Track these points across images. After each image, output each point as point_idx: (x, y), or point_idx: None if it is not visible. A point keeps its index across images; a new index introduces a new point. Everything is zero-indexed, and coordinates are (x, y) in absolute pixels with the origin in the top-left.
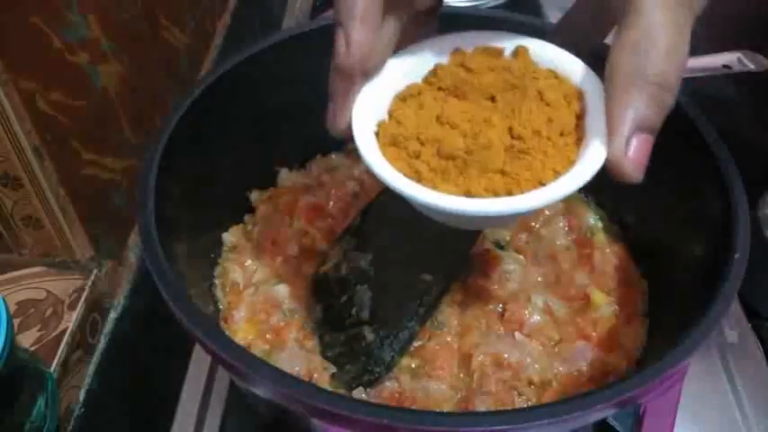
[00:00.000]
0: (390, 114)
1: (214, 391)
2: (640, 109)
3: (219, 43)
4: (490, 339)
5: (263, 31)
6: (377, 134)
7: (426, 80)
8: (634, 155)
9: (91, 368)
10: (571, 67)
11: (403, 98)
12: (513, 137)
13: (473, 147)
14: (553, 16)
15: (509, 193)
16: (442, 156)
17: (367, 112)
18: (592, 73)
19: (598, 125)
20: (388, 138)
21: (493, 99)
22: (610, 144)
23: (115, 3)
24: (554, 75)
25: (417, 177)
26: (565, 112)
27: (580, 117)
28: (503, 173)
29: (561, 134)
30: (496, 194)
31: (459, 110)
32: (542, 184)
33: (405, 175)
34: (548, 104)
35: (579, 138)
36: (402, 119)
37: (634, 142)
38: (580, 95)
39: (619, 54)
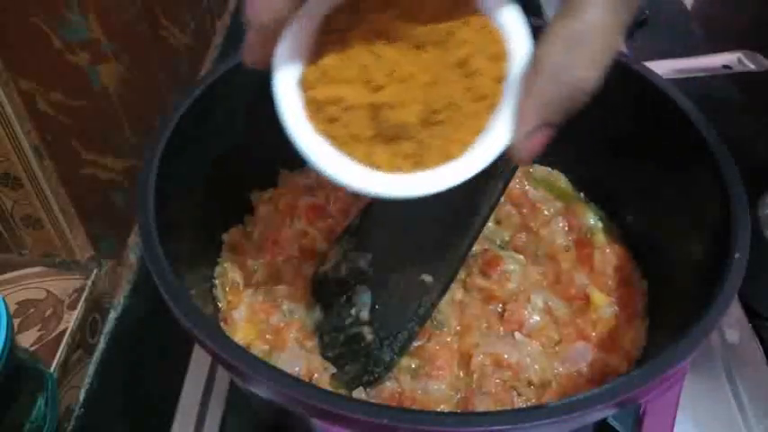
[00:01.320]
0: (315, 58)
1: (214, 391)
2: (552, 106)
3: (219, 43)
4: (490, 339)
5: None
6: (301, 83)
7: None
8: (531, 145)
9: (91, 368)
10: (511, 22)
11: (328, 31)
12: (430, 110)
13: (390, 118)
14: (553, 16)
15: (416, 166)
16: (357, 124)
17: (289, 54)
18: (527, 36)
19: (511, 100)
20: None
21: (420, 47)
22: (515, 131)
23: (115, 3)
24: (487, 28)
25: (332, 138)
26: (486, 79)
27: (500, 80)
28: (413, 141)
29: (476, 100)
30: (402, 169)
31: (385, 65)
32: (450, 158)
33: (321, 132)
34: (469, 74)
35: (494, 103)
36: (327, 69)
37: (536, 135)
38: (507, 57)
39: (548, 46)
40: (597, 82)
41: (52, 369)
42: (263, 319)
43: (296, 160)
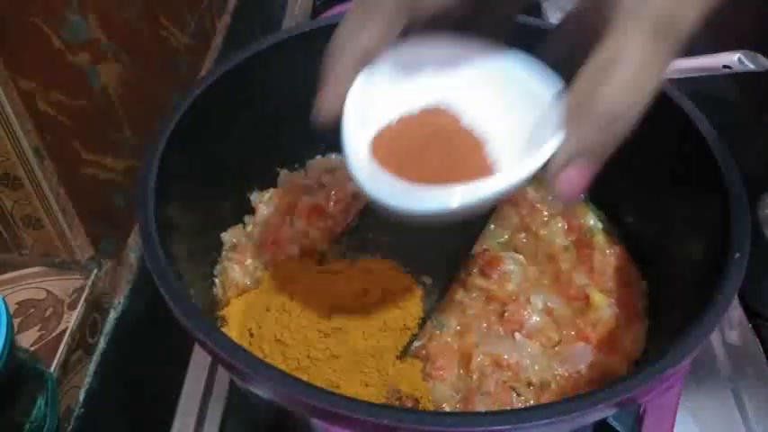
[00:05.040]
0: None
1: (214, 391)
2: (585, 138)
3: (219, 43)
4: (490, 340)
5: (263, 31)
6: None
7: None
8: (566, 179)
9: (91, 368)
10: (537, 78)
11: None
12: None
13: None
14: (553, 16)
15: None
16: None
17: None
18: (556, 77)
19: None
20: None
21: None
22: (550, 164)
23: (115, 3)
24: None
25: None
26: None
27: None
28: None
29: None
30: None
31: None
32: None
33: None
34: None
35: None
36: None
37: (570, 169)
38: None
39: (581, 76)
40: (633, 112)
41: (52, 369)
42: None
43: (296, 160)
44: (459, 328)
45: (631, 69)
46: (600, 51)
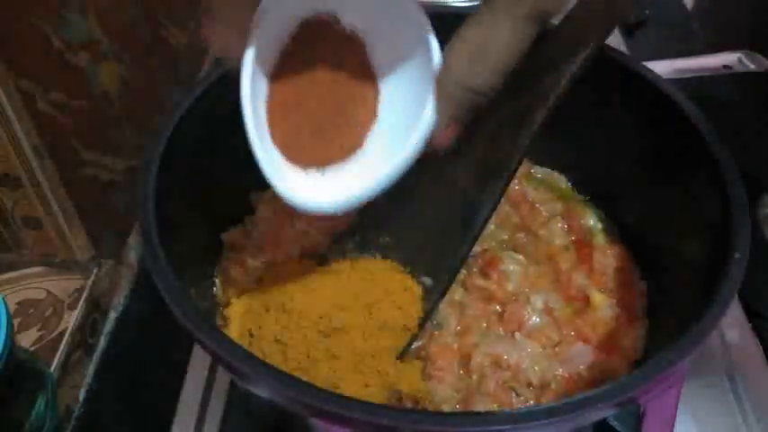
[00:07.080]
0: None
1: (214, 391)
2: (458, 107)
3: None
4: (490, 340)
5: None
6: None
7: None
8: (439, 138)
9: (91, 368)
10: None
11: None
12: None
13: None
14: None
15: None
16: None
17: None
18: (436, 48)
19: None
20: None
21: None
22: (435, 127)
23: (115, 3)
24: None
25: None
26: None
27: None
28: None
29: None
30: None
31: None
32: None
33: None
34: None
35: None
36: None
37: (443, 131)
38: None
39: (455, 57)
40: (496, 86)
41: (52, 369)
42: None
43: None
44: (459, 328)
45: (499, 55)
46: (470, 35)
